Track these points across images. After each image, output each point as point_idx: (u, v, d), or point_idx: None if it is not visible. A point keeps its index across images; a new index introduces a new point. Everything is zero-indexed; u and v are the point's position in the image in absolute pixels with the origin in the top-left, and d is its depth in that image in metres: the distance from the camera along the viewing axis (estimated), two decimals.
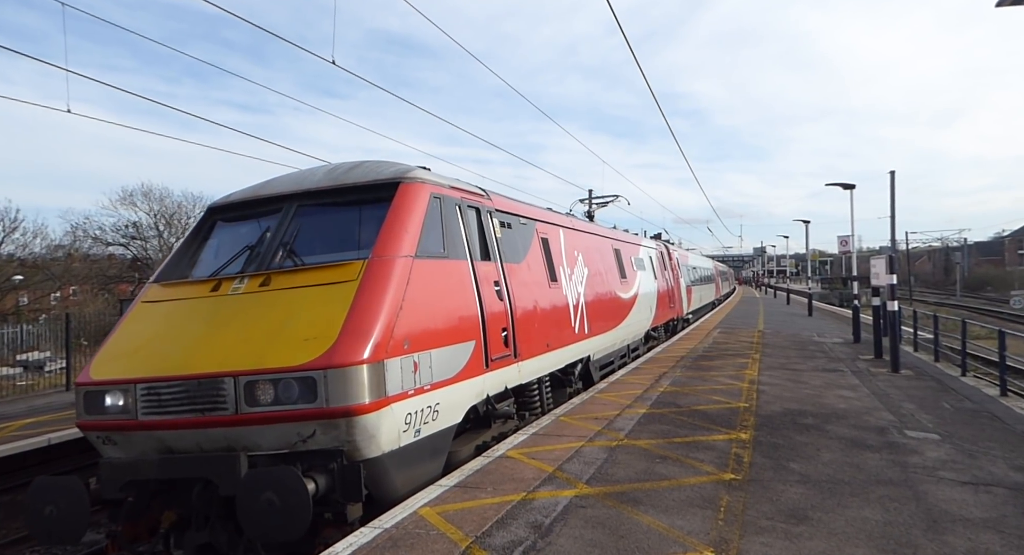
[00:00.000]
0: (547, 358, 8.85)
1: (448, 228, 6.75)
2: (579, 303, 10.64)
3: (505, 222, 8.39)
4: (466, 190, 7.57)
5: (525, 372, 8.02)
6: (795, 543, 4.35)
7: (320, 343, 5.00)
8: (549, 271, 9.49)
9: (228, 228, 6.98)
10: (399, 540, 4.47)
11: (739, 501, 5.16)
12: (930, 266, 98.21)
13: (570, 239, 11.11)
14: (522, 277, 8.34)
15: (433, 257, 6.30)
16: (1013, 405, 9.04)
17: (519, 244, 8.66)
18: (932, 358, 13.98)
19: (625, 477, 5.80)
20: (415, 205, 6.34)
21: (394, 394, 5.24)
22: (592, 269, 11.99)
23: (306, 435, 4.97)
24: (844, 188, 19.58)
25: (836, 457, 6.41)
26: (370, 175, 6.62)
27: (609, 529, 4.61)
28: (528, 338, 8.09)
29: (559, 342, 9.36)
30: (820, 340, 18.20)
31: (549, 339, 8.91)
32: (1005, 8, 6.72)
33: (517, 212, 9.02)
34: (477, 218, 7.55)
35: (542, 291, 8.96)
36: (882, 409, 8.72)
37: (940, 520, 4.76)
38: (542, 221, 9.93)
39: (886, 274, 12.69)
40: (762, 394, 9.77)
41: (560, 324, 9.53)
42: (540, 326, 8.59)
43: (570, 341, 9.93)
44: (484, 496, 5.34)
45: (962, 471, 5.95)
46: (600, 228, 14.70)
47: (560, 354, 9.44)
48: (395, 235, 5.96)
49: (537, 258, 9.20)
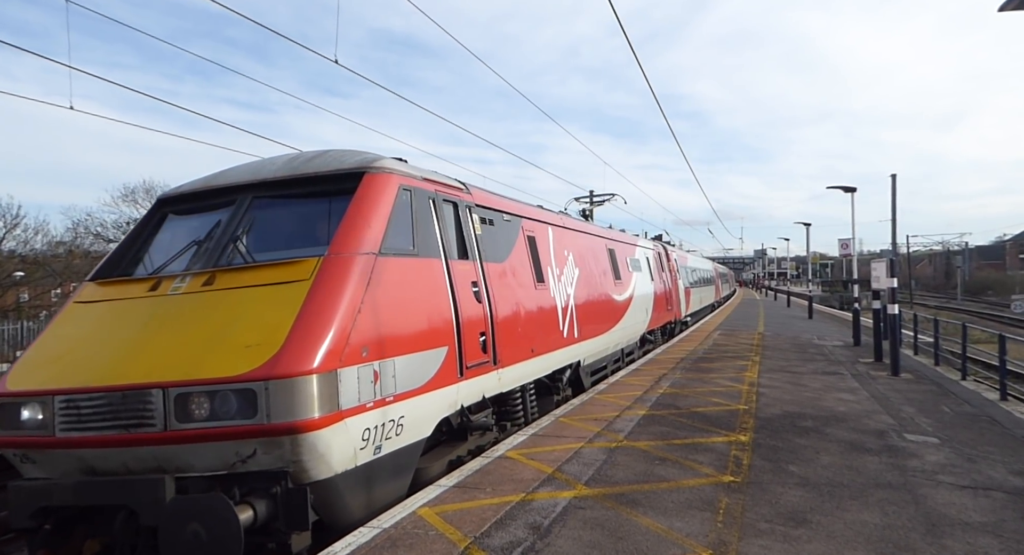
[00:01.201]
0: (531, 364, 8.34)
1: (419, 223, 6.21)
2: (568, 305, 10.11)
3: (486, 218, 7.86)
4: (442, 183, 7.02)
5: (506, 380, 7.47)
6: (794, 546, 4.36)
7: (263, 350, 4.47)
8: (535, 271, 8.98)
9: (179, 221, 6.40)
10: (398, 540, 4.47)
11: (738, 503, 5.16)
12: (931, 270, 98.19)
13: (560, 238, 10.59)
14: (505, 277, 7.84)
15: (401, 255, 5.77)
16: (1013, 409, 9.03)
17: (502, 242, 8.15)
18: (932, 362, 13.97)
19: (624, 479, 5.80)
20: (381, 197, 5.79)
21: (349, 407, 4.71)
22: (584, 270, 11.45)
23: (245, 455, 4.42)
24: (845, 191, 19.59)
25: (835, 460, 6.41)
26: (332, 165, 6.09)
27: (608, 530, 4.61)
28: (510, 343, 7.57)
29: (545, 347, 8.86)
30: (820, 343, 18.20)
31: (534, 344, 8.39)
32: (1008, 12, 6.72)
33: (500, 208, 8.47)
34: (454, 213, 7.04)
35: (527, 293, 8.48)
36: (881, 412, 8.72)
37: (939, 524, 4.76)
38: (529, 218, 9.41)
39: (887, 277, 12.69)
40: (762, 396, 9.77)
41: (546, 328, 9.04)
42: (524, 330, 8.09)
43: (558, 346, 9.42)
44: (483, 497, 5.34)
45: (961, 475, 5.95)
46: (593, 227, 14.15)
47: (546, 359, 8.93)
48: (356, 230, 5.42)
49: (522, 257, 8.68)
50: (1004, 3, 6.62)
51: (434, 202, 6.62)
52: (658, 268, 18.99)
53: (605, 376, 12.40)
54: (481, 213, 7.73)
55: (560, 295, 9.81)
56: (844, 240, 22.67)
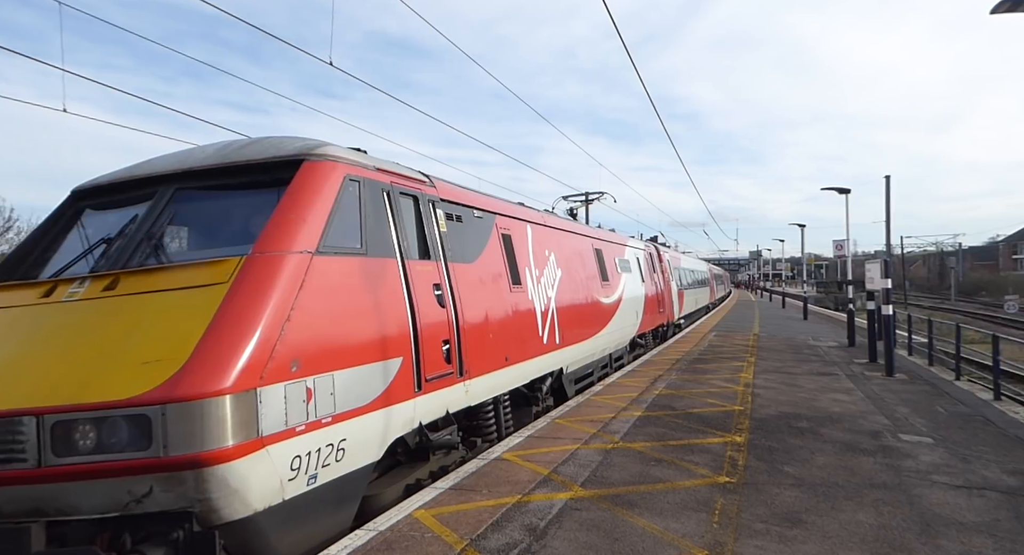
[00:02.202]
0: (505, 374, 7.68)
1: (369, 218, 5.53)
2: (549, 309, 9.47)
3: (454, 214, 7.20)
4: (399, 174, 6.33)
5: (475, 392, 6.83)
6: (789, 546, 4.37)
7: (163, 367, 3.82)
8: (511, 273, 8.32)
9: (95, 217, 5.66)
10: (394, 542, 4.46)
11: (733, 504, 5.17)
12: (925, 271, 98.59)
13: (540, 237, 9.92)
14: (474, 279, 7.21)
15: (345, 254, 5.10)
16: (1006, 409, 9.08)
17: (472, 241, 7.49)
18: (926, 362, 14.03)
19: (620, 480, 5.81)
20: (321, 188, 5.11)
21: (274, 432, 4.07)
22: (567, 271, 10.79)
23: (140, 493, 3.71)
24: (840, 192, 19.68)
25: (830, 460, 6.43)
26: (268, 151, 5.37)
27: (604, 532, 4.61)
28: (479, 351, 6.93)
29: (522, 354, 8.22)
30: (815, 344, 18.26)
31: (508, 351, 7.75)
32: (1000, 15, 6.76)
33: (471, 203, 7.77)
34: (414, 208, 6.39)
35: (501, 296, 7.83)
36: (876, 413, 8.75)
37: (933, 524, 4.78)
38: (504, 215, 8.73)
39: (881, 278, 12.74)
40: (757, 397, 9.79)
41: (523, 334, 8.40)
42: (497, 337, 7.45)
43: (537, 353, 8.77)
44: (479, 498, 5.34)
45: (956, 475, 5.97)
46: (579, 226, 13.48)
47: (523, 368, 8.27)
48: (287, 225, 4.75)
49: (496, 257, 8.02)
50: (996, 6, 6.67)
51: (389, 195, 5.94)
52: (649, 269, 18.49)
53: (592, 383, 11.88)
54: (447, 209, 7.06)
55: (540, 298, 9.20)
56: (839, 241, 22.75)
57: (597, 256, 13.09)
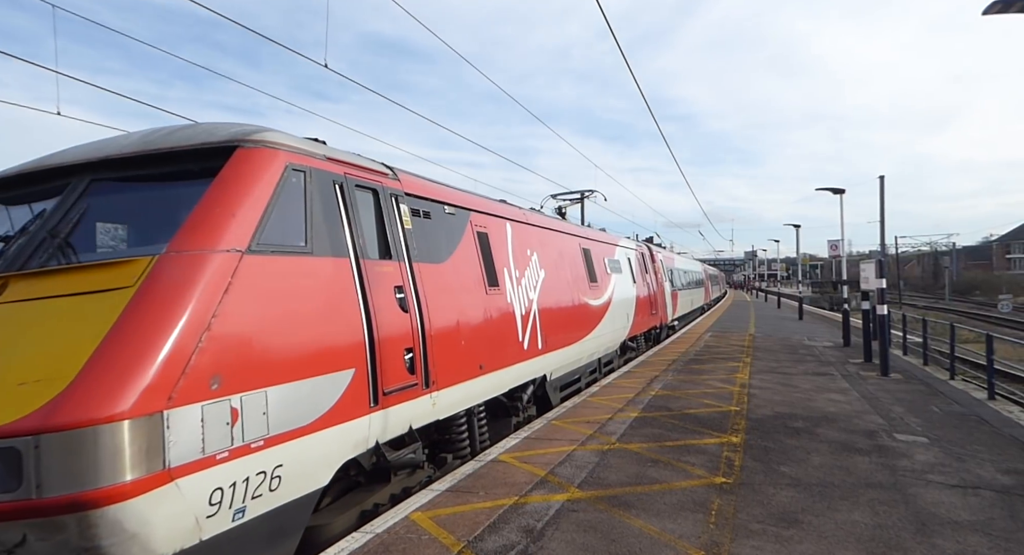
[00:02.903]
0: (480, 383, 7.13)
1: (316, 213, 4.94)
2: (531, 312, 8.94)
3: (421, 210, 6.65)
4: (356, 165, 5.76)
5: (444, 404, 6.29)
6: (785, 546, 4.38)
7: (44, 388, 3.23)
8: (487, 273, 7.78)
9: (2, 212, 5.05)
10: (391, 545, 4.46)
11: (730, 504, 5.18)
12: (919, 270, 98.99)
13: (521, 235, 9.34)
14: (444, 281, 6.67)
15: (285, 253, 4.52)
16: (1000, 409, 9.12)
17: (442, 239, 6.94)
18: (921, 362, 14.09)
19: (617, 481, 5.81)
20: (256, 178, 4.52)
21: (187, 462, 3.48)
22: (551, 271, 10.26)
23: (11, 544, 3.13)
24: (834, 192, 19.73)
25: (826, 460, 6.45)
26: (197, 138, 4.75)
27: (601, 533, 4.62)
28: (450, 360, 6.41)
29: (499, 362, 7.69)
30: (810, 344, 18.31)
31: (483, 359, 7.21)
32: (992, 16, 6.80)
33: (440, 198, 7.19)
34: (374, 203, 5.84)
35: (475, 299, 7.30)
36: (871, 413, 8.78)
37: (929, 523, 4.80)
38: (479, 211, 8.14)
39: (876, 278, 12.79)
40: (753, 398, 9.81)
41: (501, 339, 7.84)
42: (470, 343, 6.92)
43: (516, 359, 8.23)
44: (476, 500, 5.34)
45: (950, 474, 6.00)
46: (565, 224, 12.83)
47: (500, 377, 7.73)
48: (212, 220, 4.15)
49: (470, 257, 7.47)
50: (988, 7, 6.71)
51: (342, 188, 5.35)
52: (641, 270, 17.97)
53: (579, 389, 11.39)
54: (413, 204, 6.49)
55: (520, 301, 8.65)
56: (833, 241, 22.81)
57: (584, 256, 12.56)
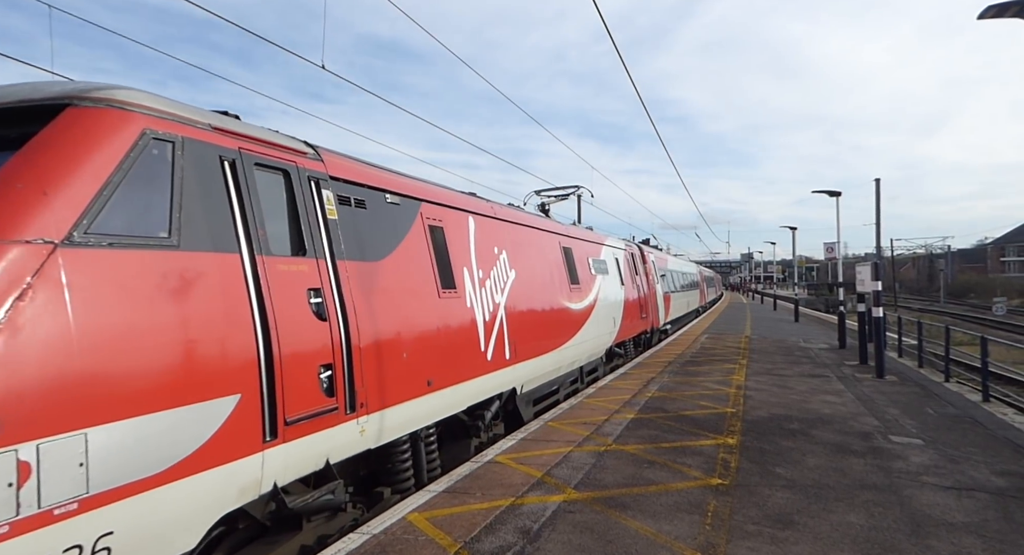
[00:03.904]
0: (428, 402, 6.24)
1: (189, 196, 3.99)
2: (498, 318, 8.02)
3: (352, 198, 5.67)
4: (260, 139, 4.75)
5: (377, 430, 5.42)
6: (781, 548, 4.40)
7: None
8: (440, 274, 6.81)
9: None
10: (387, 546, 4.46)
11: (726, 506, 5.20)
12: (914, 273, 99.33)
13: (487, 231, 8.37)
14: (381, 282, 5.74)
15: (132, 246, 3.59)
16: (995, 411, 9.16)
17: (381, 233, 6.00)
18: (916, 364, 14.14)
19: (613, 482, 5.82)
20: (91, 145, 3.58)
21: None
22: (524, 272, 9.27)
23: None
24: (830, 195, 19.81)
25: (822, 462, 6.47)
26: (19, 94, 3.81)
27: (597, 534, 4.63)
28: (386, 376, 5.54)
29: (454, 376, 6.78)
30: (806, 346, 18.35)
31: (433, 373, 6.32)
32: (986, 20, 6.85)
33: (380, 185, 6.20)
34: (286, 187, 4.88)
35: (424, 303, 6.38)
36: (867, 414, 8.81)
37: (924, 524, 4.82)
38: (433, 202, 7.11)
39: (871, 280, 12.84)
40: (749, 399, 9.84)
41: (457, 350, 6.90)
42: (415, 356, 6.01)
43: (477, 372, 7.32)
44: (473, 501, 5.35)
45: (945, 476, 6.03)
46: (542, 220, 11.57)
47: (456, 393, 6.82)
48: (9, 199, 3.22)
49: (418, 255, 6.50)
50: (983, 11, 6.75)
51: (234, 166, 4.37)
52: (630, 271, 17.03)
53: (557, 402, 10.51)
54: (341, 190, 5.54)
55: (483, 305, 7.69)
56: (829, 244, 22.92)
57: (565, 255, 11.54)
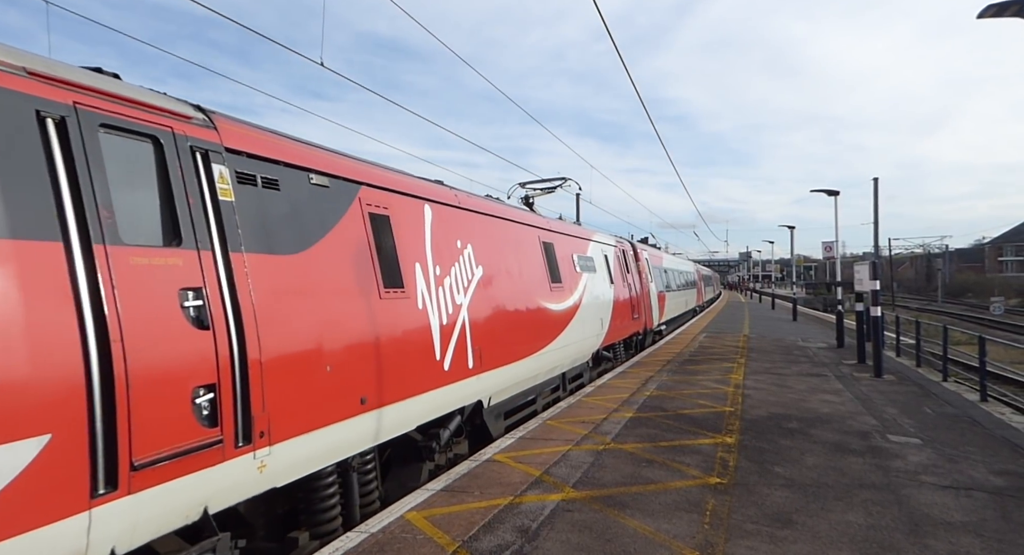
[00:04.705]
0: (362, 424, 5.22)
1: None
2: (459, 321, 7.00)
3: (259, 176, 4.63)
4: (104, 92, 3.73)
5: (285, 463, 4.41)
6: (780, 547, 4.39)
7: None
8: (383, 270, 5.81)
9: None
10: (385, 544, 4.46)
11: (724, 505, 5.20)
12: (912, 272, 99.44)
13: (448, 221, 7.29)
14: (297, 280, 4.73)
15: None
16: (993, 410, 9.17)
17: (301, 220, 4.94)
18: (914, 363, 14.16)
19: (612, 481, 5.82)
20: None
21: None
22: (494, 268, 8.23)
23: None
24: (829, 194, 19.80)
25: (820, 461, 6.47)
26: None
27: (596, 533, 4.63)
28: (303, 395, 4.56)
29: (400, 390, 5.76)
30: (804, 345, 18.37)
31: (369, 389, 5.31)
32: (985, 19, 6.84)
33: (301, 162, 5.11)
34: (155, 158, 3.95)
35: (358, 305, 5.34)
36: (865, 414, 8.82)
37: (922, 524, 4.83)
38: (376, 186, 6.05)
39: (869, 280, 12.84)
40: (747, 398, 9.84)
41: (403, 359, 5.88)
42: (344, 369, 5.02)
43: (431, 385, 6.32)
44: (471, 500, 5.34)
45: (943, 475, 6.03)
46: (517, 212, 10.32)
47: (401, 411, 5.79)
48: None
49: (353, 247, 5.49)
50: (982, 10, 6.74)
51: (61, 125, 3.42)
52: (621, 269, 16.03)
53: (534, 412, 9.59)
54: (244, 166, 4.52)
55: (441, 307, 6.68)
56: (828, 243, 22.94)
57: (545, 251, 10.52)
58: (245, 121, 4.92)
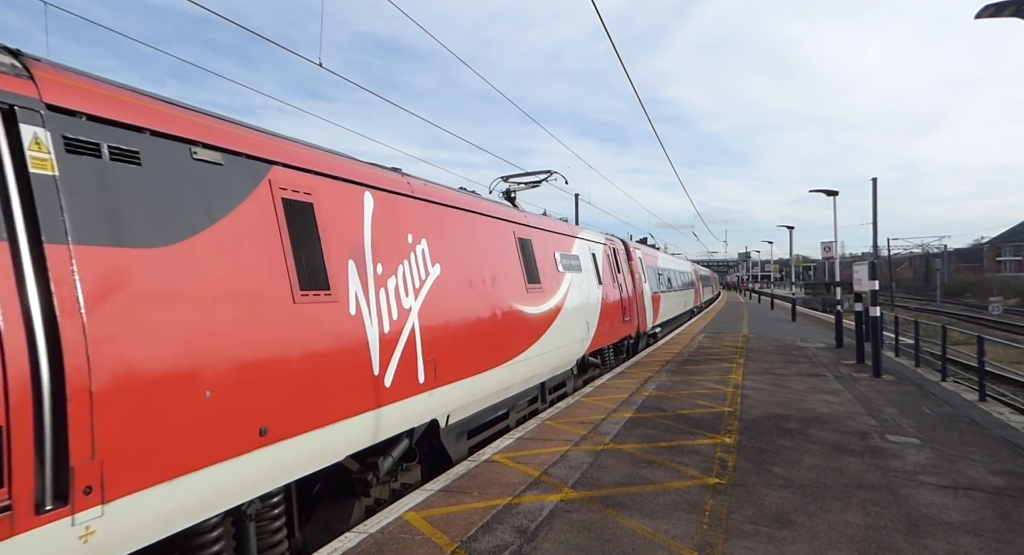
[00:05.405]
0: (261, 460, 4.21)
1: None
2: (407, 328, 6.02)
3: (107, 146, 3.65)
4: None
5: (130, 527, 3.40)
6: (778, 547, 4.39)
7: None
8: (302, 269, 4.82)
9: None
10: (384, 545, 4.45)
11: (723, 505, 5.19)
12: (911, 272, 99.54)
13: (396, 212, 6.31)
14: (166, 280, 3.76)
15: None
16: (991, 410, 9.18)
17: (176, 205, 3.95)
18: (913, 363, 14.16)
19: (610, 481, 5.82)
20: None
21: None
22: (454, 267, 7.21)
23: None
24: (827, 195, 19.82)
25: (819, 461, 6.47)
26: None
27: (594, 533, 4.62)
28: (165, 430, 3.59)
29: (320, 415, 4.75)
30: (803, 345, 18.37)
31: (273, 416, 4.31)
32: (982, 20, 6.85)
33: (179, 132, 4.11)
34: None
35: (257, 312, 4.33)
36: (864, 414, 8.82)
37: (920, 524, 4.83)
38: (293, 167, 5.04)
39: (868, 280, 12.85)
40: (746, 399, 9.84)
41: (325, 376, 4.83)
42: (236, 392, 4.06)
43: (365, 405, 5.29)
44: (470, 501, 5.34)
45: (942, 475, 6.03)
46: (488, 204, 9.17)
47: (320, 440, 4.74)
48: None
49: (257, 241, 4.48)
50: (980, 10, 6.75)
51: None
52: (611, 268, 15.11)
53: (507, 428, 8.67)
54: (80, 130, 3.55)
55: (381, 311, 5.69)
56: (826, 243, 22.95)
57: (522, 248, 9.62)
58: (92, 75, 3.87)
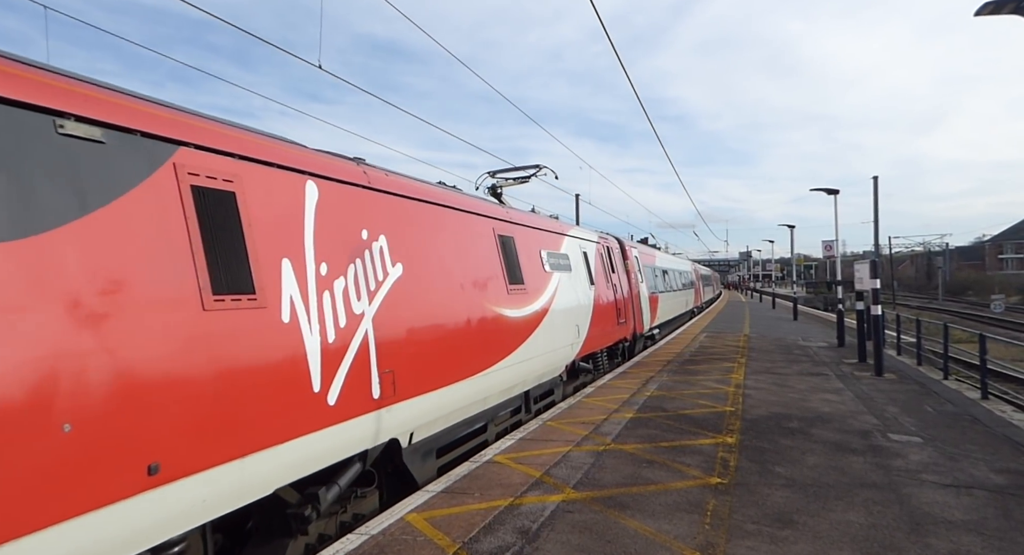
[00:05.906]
0: (149, 503, 3.48)
1: None
2: (358, 336, 5.30)
3: None
4: None
5: None
6: (781, 547, 4.39)
7: None
8: (216, 270, 4.10)
9: None
10: (386, 546, 4.45)
11: (725, 505, 5.19)
12: (912, 270, 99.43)
13: (348, 205, 5.61)
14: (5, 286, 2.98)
15: None
16: (994, 408, 9.16)
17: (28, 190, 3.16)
18: (915, 362, 14.14)
19: (612, 482, 5.81)
20: None
21: None
22: (419, 267, 6.49)
23: None
24: (828, 193, 19.80)
25: (821, 461, 6.46)
26: None
27: (596, 534, 4.62)
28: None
29: (235, 444, 4.02)
30: (805, 344, 18.35)
31: (165, 451, 3.56)
32: (982, 18, 6.84)
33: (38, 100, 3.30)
34: None
35: (148, 322, 3.58)
36: (866, 413, 8.80)
37: (923, 523, 4.82)
38: (208, 149, 4.30)
39: (870, 278, 12.84)
40: (748, 398, 9.83)
41: (243, 397, 4.10)
42: (105, 425, 3.27)
43: (300, 428, 4.54)
44: (471, 502, 5.33)
45: (944, 474, 6.02)
46: (461, 198, 8.26)
47: (239, 472, 4.03)
48: None
49: (151, 235, 3.75)
50: (980, 8, 6.74)
51: None
52: (604, 268, 14.33)
53: (485, 443, 7.99)
54: None
55: (324, 318, 4.96)
56: (827, 242, 22.93)
57: (503, 246, 8.87)
58: None
